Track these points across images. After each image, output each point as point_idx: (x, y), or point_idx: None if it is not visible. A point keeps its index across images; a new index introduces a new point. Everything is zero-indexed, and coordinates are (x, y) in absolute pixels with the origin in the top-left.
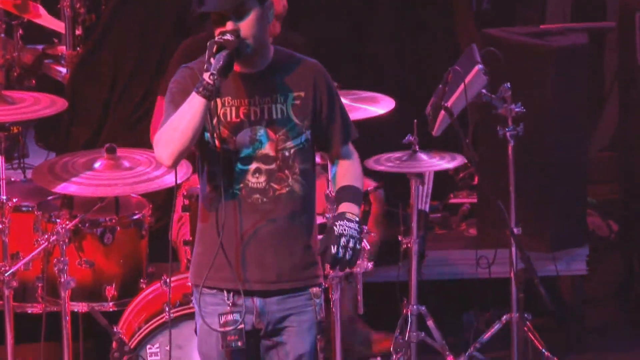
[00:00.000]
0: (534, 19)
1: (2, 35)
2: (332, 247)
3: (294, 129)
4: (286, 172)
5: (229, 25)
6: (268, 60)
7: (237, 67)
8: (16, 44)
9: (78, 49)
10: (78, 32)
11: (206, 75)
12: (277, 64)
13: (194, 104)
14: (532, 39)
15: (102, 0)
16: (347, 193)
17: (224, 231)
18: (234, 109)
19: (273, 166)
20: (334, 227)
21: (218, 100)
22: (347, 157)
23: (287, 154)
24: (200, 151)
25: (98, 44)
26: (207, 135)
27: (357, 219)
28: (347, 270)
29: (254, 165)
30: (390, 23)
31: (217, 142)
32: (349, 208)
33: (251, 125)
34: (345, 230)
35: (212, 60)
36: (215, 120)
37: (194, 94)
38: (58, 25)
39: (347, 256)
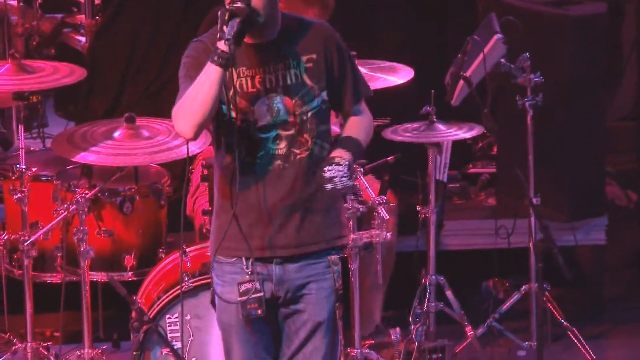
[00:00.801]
0: None
1: (21, 4)
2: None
3: (309, 93)
4: (305, 135)
5: None
6: (277, 28)
7: (248, 39)
8: (35, 13)
9: (97, 17)
10: (97, 1)
11: (220, 44)
12: (287, 30)
13: (211, 74)
14: (551, 8)
15: None
16: (344, 141)
17: (246, 201)
18: (249, 79)
19: (292, 131)
20: (323, 174)
21: (233, 71)
22: (357, 114)
23: (304, 117)
24: (217, 123)
25: (116, 12)
26: (224, 107)
27: (347, 163)
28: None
29: (273, 133)
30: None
31: (234, 113)
32: (339, 153)
33: (267, 94)
34: (333, 173)
35: (224, 28)
36: (232, 92)
37: (209, 63)
38: None
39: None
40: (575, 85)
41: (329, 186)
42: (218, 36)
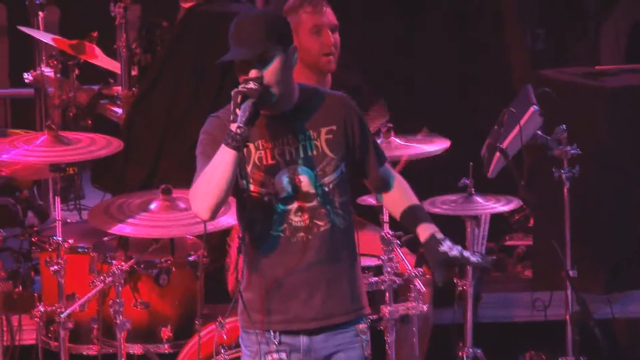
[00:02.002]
0: (588, 59)
1: (59, 75)
2: (451, 255)
3: (330, 163)
4: (327, 207)
5: (252, 73)
6: (295, 100)
7: (266, 111)
8: (72, 84)
9: (134, 89)
10: (134, 72)
11: (233, 127)
12: (305, 101)
13: (225, 156)
14: (587, 79)
15: (158, 41)
16: (420, 212)
17: (271, 273)
18: (268, 151)
19: (314, 203)
20: (439, 249)
21: (251, 145)
22: (391, 176)
23: (326, 189)
24: (238, 197)
25: (153, 84)
26: (243, 182)
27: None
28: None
29: (295, 205)
30: (446, 65)
31: (253, 187)
32: (432, 228)
33: (288, 165)
34: (455, 251)
35: (237, 111)
36: (250, 166)
37: (223, 146)
38: (114, 66)
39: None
40: (612, 156)
41: (474, 259)
42: (231, 118)
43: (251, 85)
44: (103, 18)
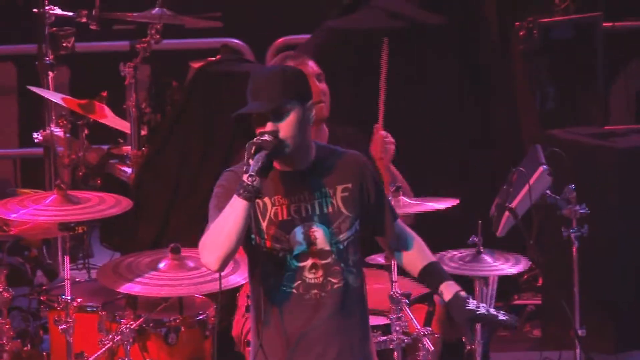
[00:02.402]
0: (598, 119)
1: (68, 135)
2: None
3: (345, 221)
4: (342, 264)
5: (269, 126)
6: (311, 157)
7: (283, 167)
8: (81, 144)
9: (143, 148)
10: (143, 132)
11: (245, 177)
12: (321, 159)
13: (236, 207)
14: (597, 139)
15: (168, 100)
16: (440, 270)
17: (283, 330)
18: (284, 207)
19: (329, 260)
20: (466, 307)
21: (267, 200)
22: (406, 235)
23: (340, 247)
24: (250, 254)
25: (163, 143)
26: (258, 238)
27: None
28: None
29: (309, 262)
30: (454, 125)
31: (268, 243)
32: (456, 287)
33: (303, 222)
34: (483, 309)
35: (250, 161)
36: (266, 222)
37: (235, 196)
38: (123, 126)
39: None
40: (621, 216)
41: (502, 317)
42: (244, 169)
43: (266, 137)
44: (113, 78)
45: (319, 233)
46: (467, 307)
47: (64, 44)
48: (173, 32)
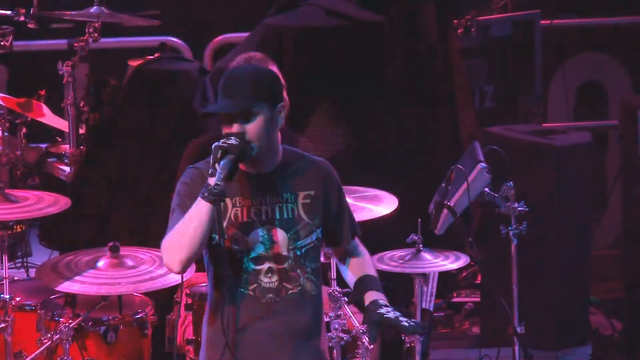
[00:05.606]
0: (536, 117)
1: (6, 134)
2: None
3: (305, 228)
4: (298, 271)
5: (235, 128)
6: (277, 160)
7: (247, 168)
8: (20, 143)
9: (82, 147)
10: (81, 130)
11: (211, 181)
12: (287, 164)
13: (201, 209)
14: (535, 137)
15: (106, 99)
16: (372, 281)
17: (236, 332)
18: (245, 209)
19: (285, 265)
20: (377, 311)
21: (229, 200)
22: (357, 251)
23: (298, 253)
24: (210, 253)
25: (101, 142)
26: (216, 237)
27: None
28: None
29: (266, 265)
30: (393, 120)
31: (226, 243)
32: (379, 296)
33: (262, 225)
34: (392, 314)
35: (217, 166)
36: (225, 222)
37: (199, 199)
38: (62, 124)
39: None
40: (559, 214)
41: (406, 324)
42: (210, 172)
43: (232, 141)
44: (51, 76)
45: (277, 237)
46: (378, 311)
47: (2, 43)
48: (111, 30)
